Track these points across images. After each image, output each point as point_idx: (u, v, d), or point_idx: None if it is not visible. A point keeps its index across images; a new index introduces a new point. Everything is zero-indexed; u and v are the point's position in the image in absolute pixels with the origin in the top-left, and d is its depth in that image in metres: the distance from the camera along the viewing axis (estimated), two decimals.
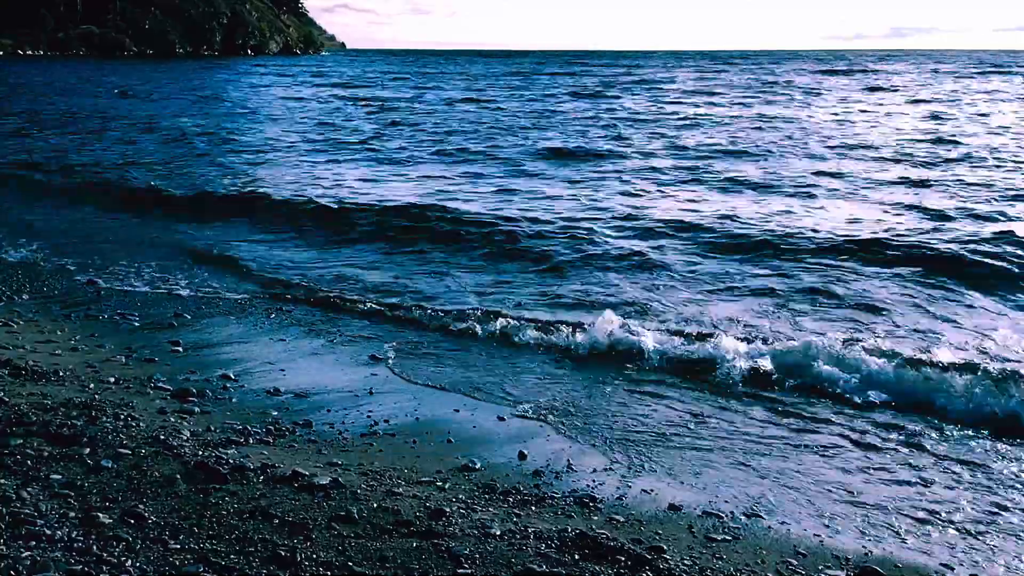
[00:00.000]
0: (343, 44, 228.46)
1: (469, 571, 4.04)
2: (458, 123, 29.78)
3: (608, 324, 7.93)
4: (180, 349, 7.69)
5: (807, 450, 5.76)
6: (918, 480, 5.34)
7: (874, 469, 5.50)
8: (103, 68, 73.18)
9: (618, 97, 43.17)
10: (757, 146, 22.66)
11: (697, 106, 37.00)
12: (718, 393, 6.82)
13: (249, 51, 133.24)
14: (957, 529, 4.78)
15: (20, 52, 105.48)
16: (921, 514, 4.93)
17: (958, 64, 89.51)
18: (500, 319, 8.43)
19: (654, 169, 18.97)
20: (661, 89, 49.95)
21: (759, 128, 27.31)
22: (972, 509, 4.99)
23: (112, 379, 6.69)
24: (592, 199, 15.41)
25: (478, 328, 8.29)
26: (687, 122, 29.55)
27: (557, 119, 30.96)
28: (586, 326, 8.05)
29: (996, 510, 4.98)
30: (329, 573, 3.94)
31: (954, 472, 5.44)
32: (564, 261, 11.09)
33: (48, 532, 4.05)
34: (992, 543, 4.64)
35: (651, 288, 9.87)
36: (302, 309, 9.11)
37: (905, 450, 5.77)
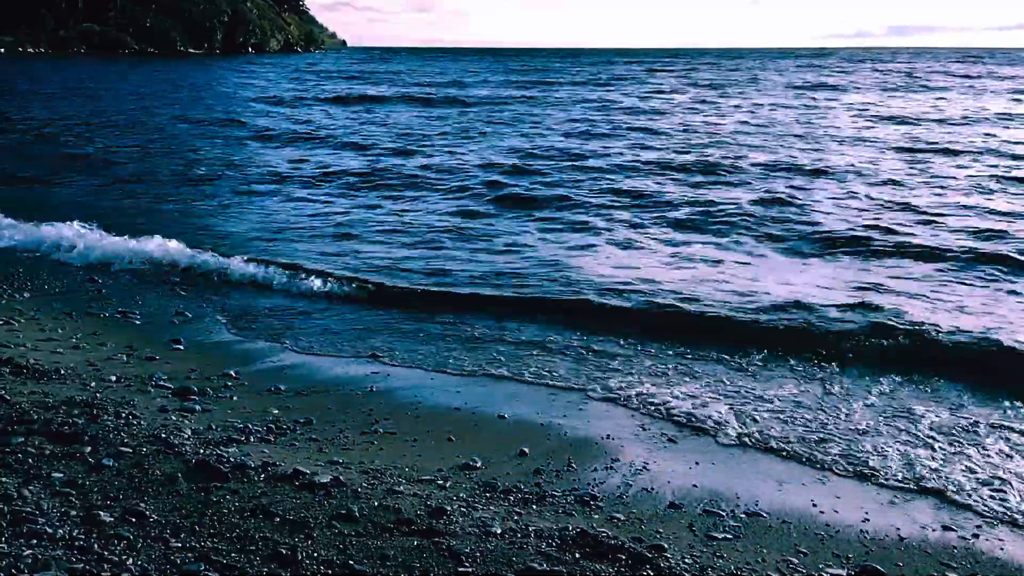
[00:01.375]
0: (344, 42, 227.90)
1: (470, 570, 4.04)
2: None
3: None
4: (181, 347, 7.70)
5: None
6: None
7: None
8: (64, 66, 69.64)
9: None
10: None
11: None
12: None
13: (250, 49, 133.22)
14: (958, 528, 4.79)
15: (20, 50, 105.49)
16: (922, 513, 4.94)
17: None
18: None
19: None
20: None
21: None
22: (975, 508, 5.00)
23: (113, 377, 6.70)
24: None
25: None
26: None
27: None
28: None
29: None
30: (330, 571, 3.94)
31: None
32: None
33: (49, 530, 4.05)
34: (993, 541, 4.65)
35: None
36: None
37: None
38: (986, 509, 4.97)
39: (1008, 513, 4.92)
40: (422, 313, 8.88)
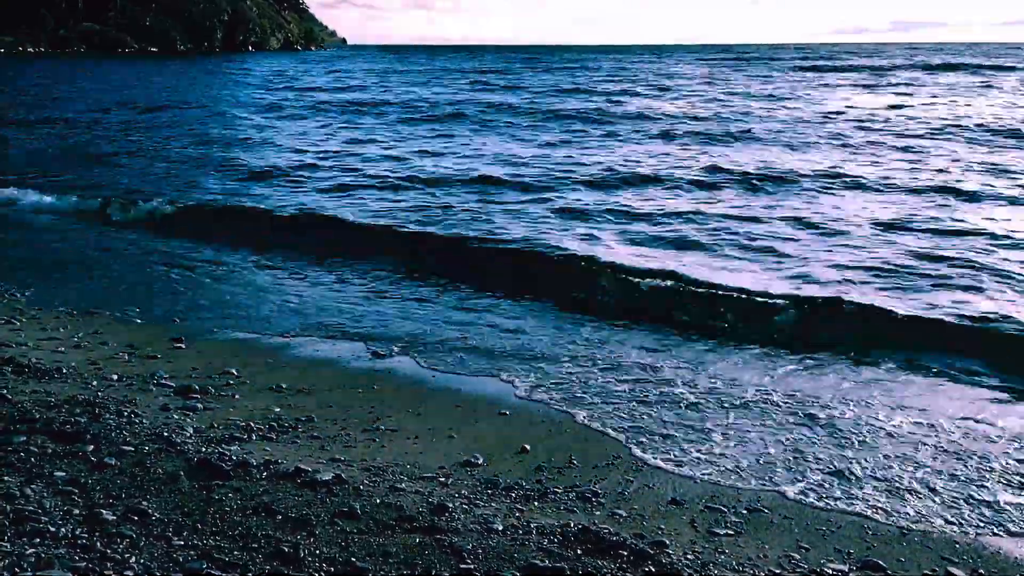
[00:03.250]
0: (344, 39, 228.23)
1: (472, 566, 4.04)
2: None
3: None
4: (183, 346, 7.70)
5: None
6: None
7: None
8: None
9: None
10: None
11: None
12: None
13: (250, 47, 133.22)
14: (959, 525, 4.79)
15: (20, 50, 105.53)
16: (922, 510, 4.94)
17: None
18: None
19: None
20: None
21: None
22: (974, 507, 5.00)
23: (115, 376, 6.70)
24: None
25: None
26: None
27: None
28: None
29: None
30: (332, 569, 3.94)
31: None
32: None
33: (52, 529, 4.06)
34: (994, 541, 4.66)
35: None
36: None
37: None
38: None
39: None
40: None
